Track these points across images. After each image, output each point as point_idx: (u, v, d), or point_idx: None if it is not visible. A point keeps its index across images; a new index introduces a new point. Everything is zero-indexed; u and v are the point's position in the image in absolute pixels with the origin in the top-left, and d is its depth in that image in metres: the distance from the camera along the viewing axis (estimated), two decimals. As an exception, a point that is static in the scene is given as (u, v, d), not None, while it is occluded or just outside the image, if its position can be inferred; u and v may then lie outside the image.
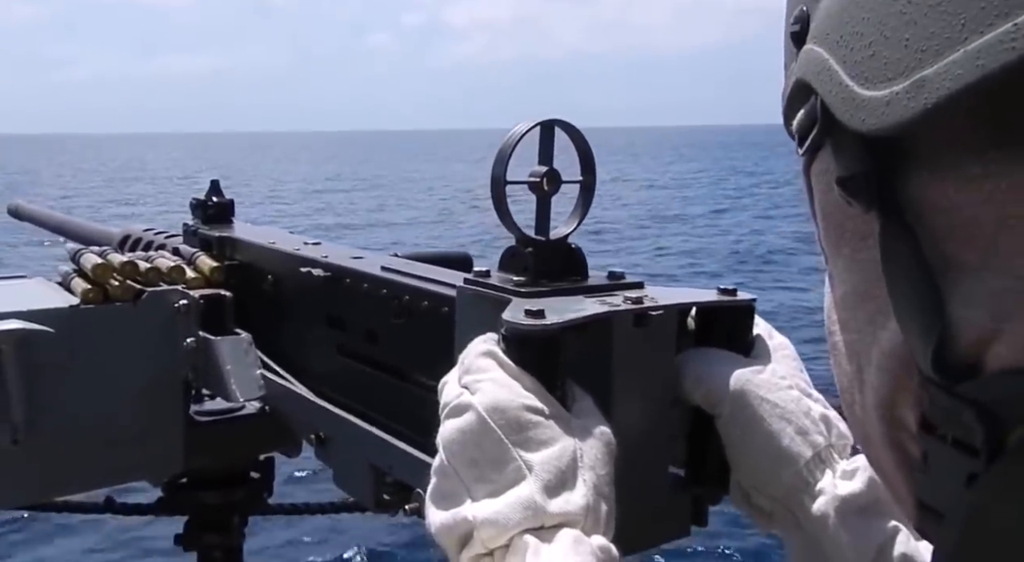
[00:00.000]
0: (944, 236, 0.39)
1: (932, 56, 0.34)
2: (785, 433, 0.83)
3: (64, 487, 1.53)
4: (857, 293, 0.46)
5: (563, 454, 0.72)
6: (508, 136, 0.89)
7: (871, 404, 0.47)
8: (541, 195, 0.92)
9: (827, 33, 0.41)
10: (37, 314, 1.37)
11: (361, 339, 1.24)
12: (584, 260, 0.95)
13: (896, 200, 0.40)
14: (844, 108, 0.39)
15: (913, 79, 0.35)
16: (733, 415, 0.85)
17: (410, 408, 1.13)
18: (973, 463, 0.37)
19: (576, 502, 0.71)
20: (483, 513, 0.70)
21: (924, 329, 0.39)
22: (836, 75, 0.40)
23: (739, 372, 0.86)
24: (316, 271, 1.29)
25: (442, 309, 1.04)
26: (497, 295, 0.90)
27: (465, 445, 0.73)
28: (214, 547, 1.71)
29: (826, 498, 0.81)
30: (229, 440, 1.59)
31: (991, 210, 0.36)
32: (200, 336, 1.44)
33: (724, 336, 0.91)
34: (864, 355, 0.46)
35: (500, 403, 0.73)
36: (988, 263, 0.37)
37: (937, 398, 0.39)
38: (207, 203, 1.75)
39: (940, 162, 0.38)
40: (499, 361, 0.77)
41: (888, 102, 0.36)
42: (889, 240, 0.41)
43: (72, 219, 2.66)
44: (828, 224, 0.47)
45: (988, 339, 0.38)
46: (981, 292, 0.38)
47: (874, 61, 0.37)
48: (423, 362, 1.10)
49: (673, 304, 0.88)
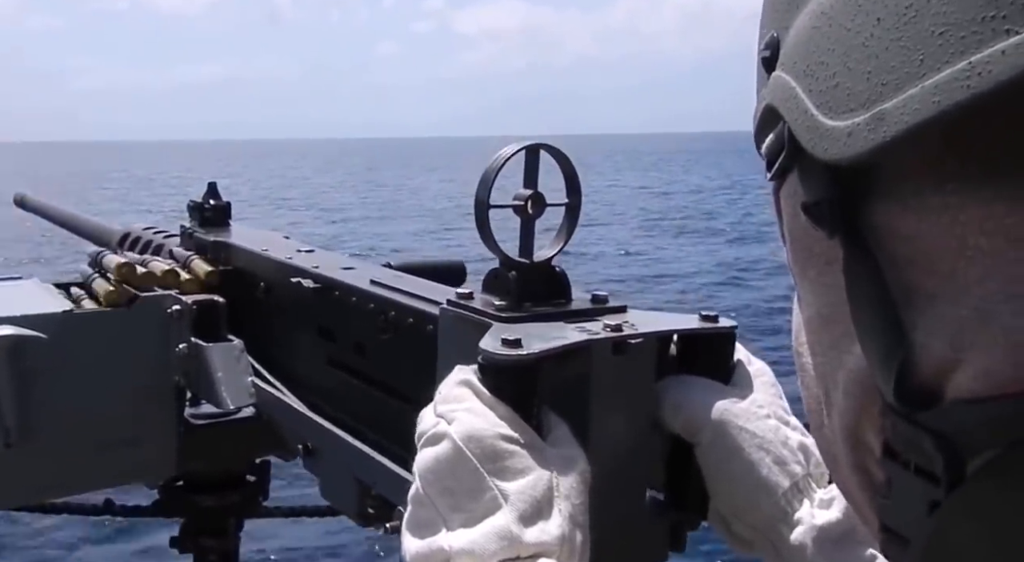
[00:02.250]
0: (905, 264, 0.39)
1: (892, 90, 0.34)
2: (763, 463, 0.83)
3: (58, 490, 1.54)
4: (822, 316, 0.46)
5: (538, 483, 0.72)
6: (493, 160, 0.88)
7: (837, 427, 0.47)
8: (525, 218, 0.91)
9: (795, 61, 0.42)
10: (30, 319, 1.37)
11: (350, 351, 1.23)
12: (567, 283, 0.94)
13: (860, 227, 0.40)
14: (808, 136, 0.39)
15: (873, 112, 0.35)
16: (712, 444, 0.85)
17: (395, 423, 1.12)
18: (934, 491, 0.38)
19: (552, 532, 0.70)
20: (459, 543, 0.69)
21: (885, 357, 0.39)
22: (802, 103, 0.40)
23: (718, 402, 0.85)
24: (306, 282, 1.28)
25: (427, 327, 1.04)
26: (478, 319, 0.89)
27: (440, 474, 0.73)
28: (209, 550, 1.72)
29: (804, 528, 0.80)
30: (225, 443, 1.59)
31: (951, 240, 0.36)
32: (192, 342, 1.44)
33: (705, 362, 0.90)
34: (831, 378, 0.46)
35: (476, 432, 0.73)
36: (948, 292, 0.37)
37: (898, 426, 0.40)
38: (204, 206, 1.74)
39: (901, 191, 0.38)
40: (475, 390, 0.77)
41: (849, 133, 0.36)
42: (852, 267, 0.41)
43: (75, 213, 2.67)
44: (796, 247, 0.47)
45: (948, 368, 0.38)
46: (942, 321, 0.38)
47: (837, 91, 0.38)
48: (407, 378, 1.10)
49: (653, 332, 0.87)
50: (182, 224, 1.79)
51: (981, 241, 0.35)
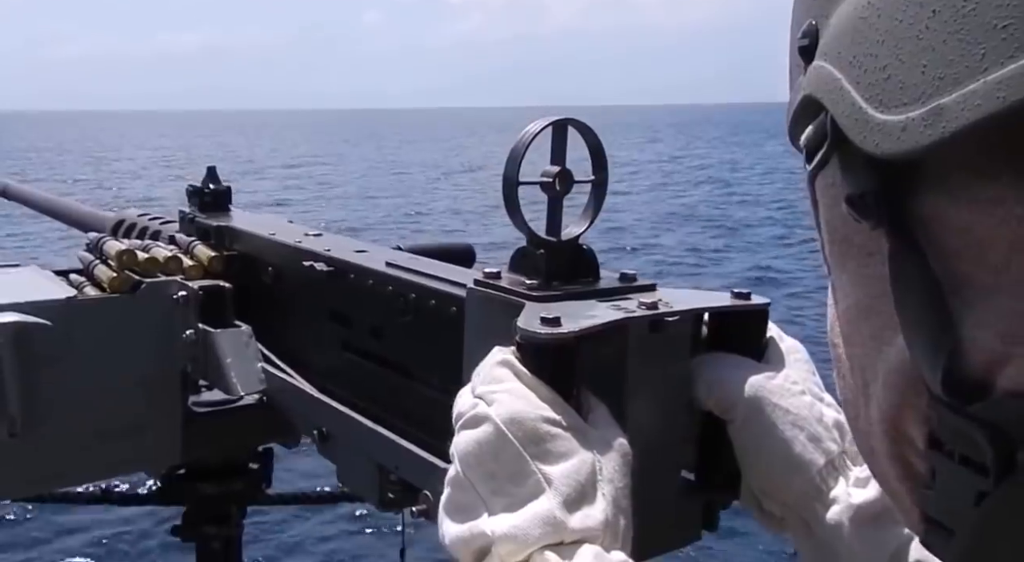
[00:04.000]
0: (955, 256, 0.38)
1: (950, 84, 0.34)
2: (798, 440, 0.83)
3: (62, 479, 1.52)
4: (861, 308, 0.45)
5: (582, 467, 0.71)
6: (521, 135, 0.87)
7: (876, 418, 0.46)
8: (553, 195, 0.90)
9: (839, 51, 0.41)
10: (34, 306, 1.35)
11: (366, 335, 1.22)
12: (596, 261, 0.93)
13: (906, 219, 0.40)
14: (857, 130, 0.39)
15: (930, 106, 0.35)
16: (746, 421, 0.85)
17: (417, 407, 1.12)
18: (982, 481, 0.37)
19: (596, 517, 0.70)
20: (502, 528, 0.69)
21: (933, 349, 0.39)
22: (849, 96, 0.39)
23: (752, 378, 0.85)
24: (319, 265, 1.27)
25: (450, 309, 1.03)
26: (509, 298, 0.89)
27: (482, 457, 0.72)
28: (212, 538, 1.71)
29: (840, 506, 0.80)
30: (227, 431, 1.58)
31: (1004, 233, 0.36)
32: (200, 328, 1.42)
33: (737, 340, 0.90)
34: (870, 370, 0.46)
35: (518, 415, 0.72)
36: (1000, 285, 0.37)
37: (946, 417, 0.39)
38: (204, 190, 1.72)
39: (953, 184, 0.38)
40: (515, 371, 0.76)
41: (904, 128, 0.36)
42: (899, 259, 0.40)
43: (63, 201, 2.61)
44: (833, 238, 0.47)
45: (999, 361, 0.38)
46: (993, 314, 0.38)
47: (889, 84, 0.37)
48: (430, 362, 1.09)
49: (688, 309, 0.87)
50: (181, 209, 1.76)
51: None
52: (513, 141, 0.88)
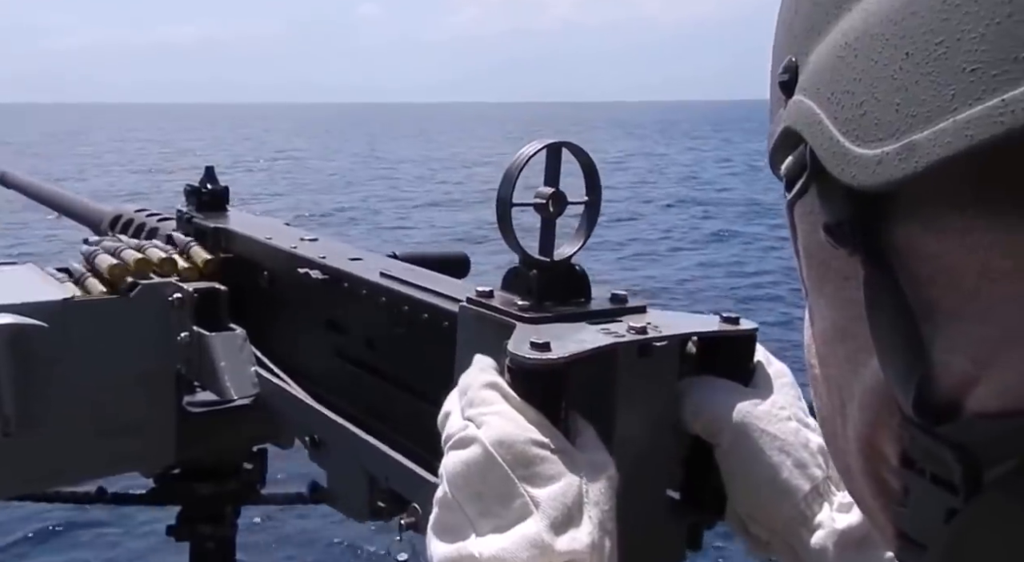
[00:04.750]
0: (927, 283, 0.40)
1: (922, 122, 0.35)
2: (784, 466, 0.83)
3: (56, 478, 1.53)
4: (838, 330, 0.47)
5: (569, 490, 0.72)
6: (515, 158, 0.87)
7: (852, 437, 0.48)
8: (546, 216, 0.90)
9: (818, 88, 0.42)
10: (30, 307, 1.35)
11: (360, 344, 1.22)
12: (588, 282, 0.93)
13: (880, 247, 0.41)
14: (835, 162, 0.40)
15: (904, 142, 0.36)
16: (733, 446, 0.85)
17: (408, 418, 1.12)
18: (952, 499, 0.39)
19: (582, 540, 0.70)
20: (489, 550, 0.69)
21: (905, 372, 0.40)
22: (827, 130, 0.41)
23: (739, 404, 0.86)
24: (314, 273, 1.27)
25: (443, 323, 1.03)
26: (500, 318, 0.89)
27: (470, 479, 0.72)
28: (207, 538, 1.71)
29: (824, 532, 0.81)
30: (222, 431, 1.58)
31: (973, 262, 0.37)
32: (194, 331, 1.42)
33: (725, 364, 0.90)
34: (846, 390, 0.47)
35: (507, 437, 0.72)
36: (969, 311, 0.38)
37: (917, 437, 0.41)
38: (201, 190, 1.72)
39: (924, 214, 0.39)
40: (504, 393, 0.76)
41: (879, 161, 0.37)
42: (872, 285, 0.42)
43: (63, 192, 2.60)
44: (811, 262, 0.48)
45: (968, 384, 0.39)
46: (962, 338, 0.39)
47: (865, 120, 0.38)
48: (422, 374, 1.09)
49: (677, 334, 0.87)
50: (177, 207, 1.76)
51: (1005, 263, 0.36)
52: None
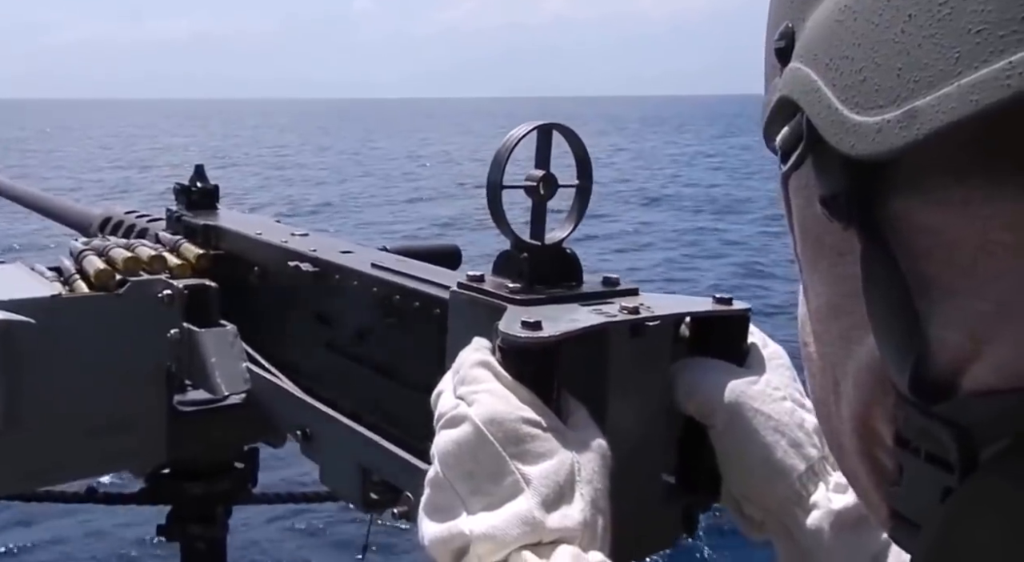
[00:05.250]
0: (924, 257, 0.39)
1: (925, 87, 0.34)
2: (779, 446, 0.83)
3: (46, 477, 1.52)
4: (833, 307, 0.46)
5: (561, 468, 0.72)
6: (505, 140, 0.87)
7: (846, 416, 0.47)
8: (537, 199, 0.90)
9: (815, 54, 0.41)
10: (18, 304, 1.34)
11: (350, 336, 1.22)
12: (579, 265, 0.93)
13: (877, 220, 0.40)
14: (833, 131, 0.39)
15: (905, 109, 0.35)
16: (727, 427, 0.85)
17: (399, 408, 1.12)
18: (948, 478, 0.38)
19: (574, 517, 0.70)
20: (480, 528, 0.69)
21: (901, 350, 0.40)
22: (825, 97, 0.39)
23: (733, 383, 0.86)
24: (304, 265, 1.27)
25: (434, 310, 1.03)
26: (492, 301, 0.89)
27: (461, 457, 0.72)
28: (197, 537, 1.70)
29: (820, 512, 0.81)
30: (213, 430, 1.57)
31: (972, 234, 0.37)
32: (184, 327, 1.42)
33: (719, 345, 0.90)
34: (840, 368, 0.47)
35: (497, 415, 0.72)
36: (967, 286, 0.38)
37: (912, 416, 0.40)
38: (191, 189, 1.71)
39: (923, 185, 0.38)
40: (495, 372, 0.76)
41: (879, 129, 0.36)
42: (869, 259, 0.41)
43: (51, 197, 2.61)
44: (806, 237, 0.47)
45: (965, 361, 0.38)
46: (959, 314, 0.38)
47: (865, 87, 0.37)
48: (413, 363, 1.09)
49: (669, 314, 0.87)
50: (168, 207, 1.76)
51: (1004, 236, 0.36)
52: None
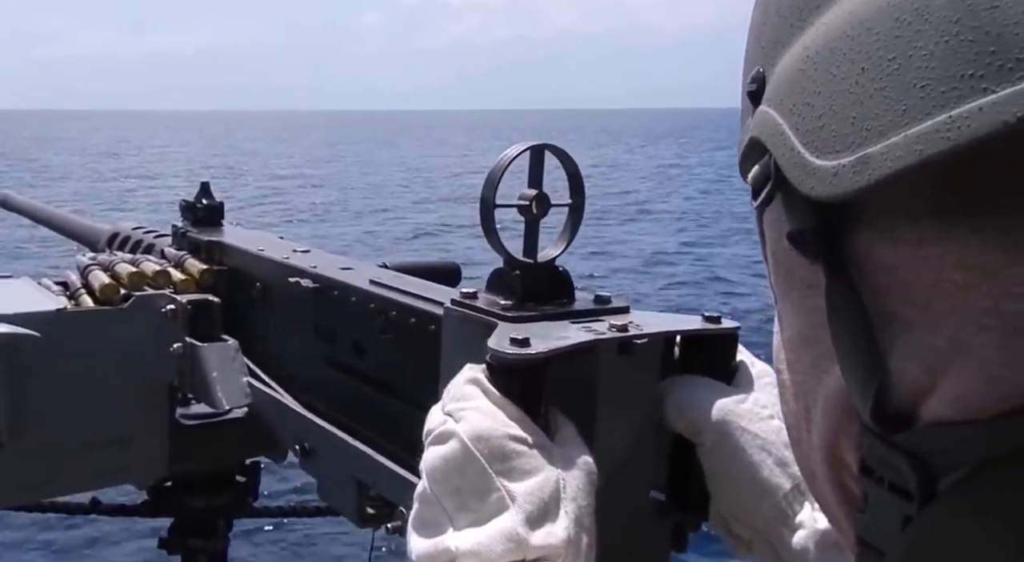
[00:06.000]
0: (884, 293, 0.40)
1: (876, 136, 0.36)
2: (765, 464, 0.84)
3: (48, 489, 1.53)
4: (803, 336, 0.47)
5: (546, 485, 0.72)
6: (498, 160, 0.89)
7: (816, 444, 0.48)
8: (530, 218, 0.92)
9: (781, 99, 0.43)
10: (23, 317, 1.36)
11: (349, 352, 1.23)
12: (571, 283, 0.95)
13: (841, 256, 0.42)
14: (795, 172, 0.41)
15: (858, 155, 0.37)
16: (715, 445, 0.86)
17: (396, 423, 1.13)
18: (908, 506, 0.40)
19: (558, 535, 0.71)
20: (465, 544, 0.70)
21: (864, 380, 0.41)
22: (789, 140, 0.42)
23: (721, 402, 0.86)
24: (304, 281, 1.29)
25: (429, 327, 1.04)
26: (483, 318, 0.90)
27: (448, 473, 0.73)
28: (198, 550, 1.71)
29: (805, 531, 0.81)
30: (215, 444, 1.59)
31: (926, 273, 0.38)
32: (187, 342, 1.43)
33: (708, 363, 0.91)
34: (811, 396, 0.48)
35: (484, 432, 0.73)
36: (923, 322, 0.39)
37: (875, 445, 0.41)
38: (196, 205, 1.74)
39: (881, 224, 0.40)
40: (483, 389, 0.77)
41: (835, 173, 0.38)
42: (833, 293, 0.43)
43: (60, 212, 2.64)
44: (778, 269, 0.49)
45: (923, 392, 0.40)
46: (916, 348, 0.40)
47: (823, 133, 0.39)
48: (409, 379, 1.10)
49: (658, 332, 0.88)
50: (173, 224, 1.78)
51: (956, 275, 0.37)
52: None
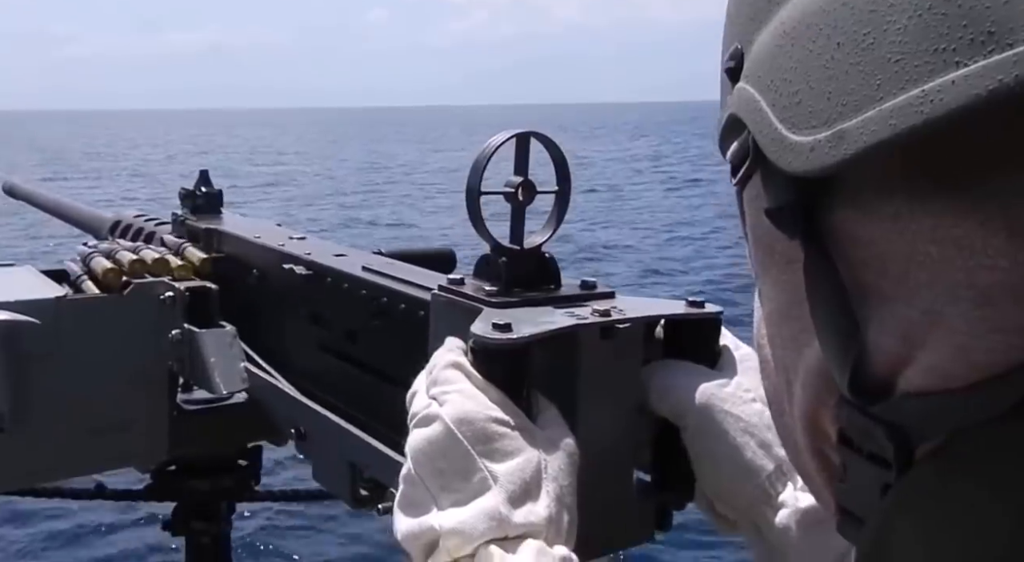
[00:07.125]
0: (860, 266, 0.41)
1: (851, 110, 0.37)
2: (748, 446, 0.85)
3: (51, 474, 1.55)
4: (782, 312, 0.48)
5: (527, 465, 0.74)
6: (484, 147, 0.89)
7: (797, 416, 0.49)
8: (516, 205, 0.93)
9: (759, 75, 0.43)
10: (24, 305, 1.38)
11: (341, 337, 1.25)
12: (557, 269, 0.95)
13: (819, 231, 0.43)
14: (773, 148, 0.41)
15: (834, 130, 0.37)
16: (698, 428, 0.87)
17: (387, 407, 1.14)
18: (886, 475, 0.41)
19: (539, 513, 0.72)
20: (449, 522, 0.71)
21: (841, 352, 0.42)
22: (766, 116, 0.42)
23: (704, 385, 0.87)
24: (298, 268, 1.30)
25: (418, 312, 1.05)
26: (469, 304, 0.91)
27: (432, 455, 0.75)
28: (202, 533, 1.74)
29: (788, 511, 0.82)
30: (217, 428, 1.61)
31: (902, 246, 0.39)
32: (185, 328, 1.45)
33: (691, 347, 0.92)
34: (791, 370, 0.49)
35: (467, 415, 0.75)
36: (899, 294, 0.40)
37: (853, 416, 0.42)
38: (195, 193, 1.75)
39: (858, 199, 0.40)
40: (466, 372, 0.78)
41: (812, 148, 0.39)
42: (811, 268, 0.43)
43: (65, 201, 2.67)
44: (758, 246, 0.50)
45: (899, 364, 0.41)
46: (893, 320, 0.40)
47: (800, 108, 0.40)
48: (399, 363, 1.12)
49: (640, 317, 0.89)
50: (173, 211, 1.80)
51: (931, 248, 0.38)
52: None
